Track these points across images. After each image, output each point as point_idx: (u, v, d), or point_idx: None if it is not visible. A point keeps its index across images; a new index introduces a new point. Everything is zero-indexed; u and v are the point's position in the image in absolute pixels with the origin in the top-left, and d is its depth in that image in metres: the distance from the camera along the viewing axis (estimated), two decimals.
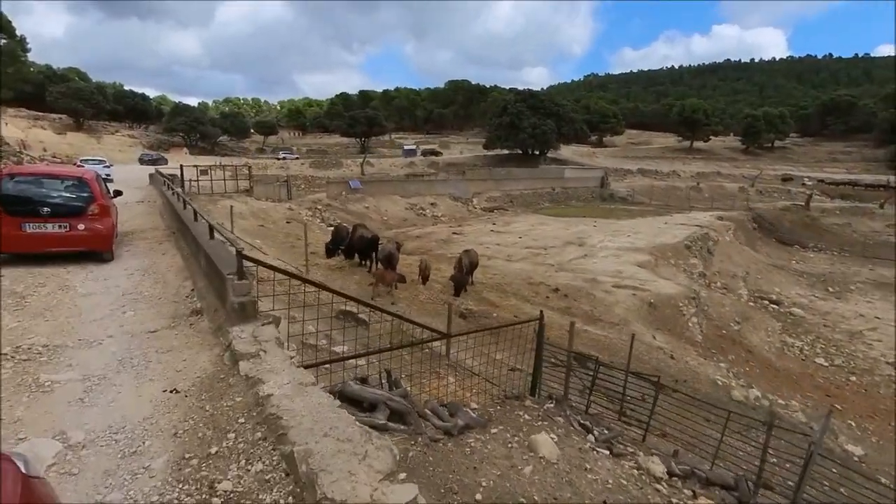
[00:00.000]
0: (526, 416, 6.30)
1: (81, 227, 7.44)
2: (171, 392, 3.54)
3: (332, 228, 17.35)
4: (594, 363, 7.41)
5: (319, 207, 24.85)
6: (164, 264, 7.32)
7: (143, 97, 79.96)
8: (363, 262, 15.16)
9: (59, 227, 7.33)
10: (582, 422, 6.72)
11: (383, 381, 5.47)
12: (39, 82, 61.16)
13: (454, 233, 26.30)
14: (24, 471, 1.38)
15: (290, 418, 2.80)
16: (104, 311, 5.20)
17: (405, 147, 71.80)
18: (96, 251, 7.66)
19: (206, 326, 4.73)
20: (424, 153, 68.81)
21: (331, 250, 15.45)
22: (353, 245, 15.17)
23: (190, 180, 19.66)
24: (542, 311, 7.42)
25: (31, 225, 7.13)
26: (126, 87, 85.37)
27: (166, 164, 31.01)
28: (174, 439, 2.94)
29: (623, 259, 20.09)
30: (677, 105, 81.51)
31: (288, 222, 21.10)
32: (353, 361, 6.21)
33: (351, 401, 4.54)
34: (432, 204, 33.42)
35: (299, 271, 12.72)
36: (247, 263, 4.24)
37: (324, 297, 4.74)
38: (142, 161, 44.40)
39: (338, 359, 5.17)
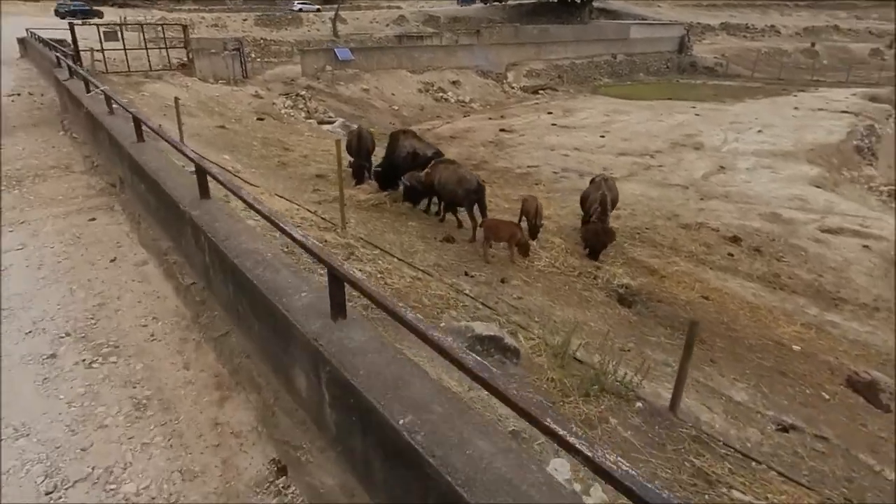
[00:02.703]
0: None
1: None
2: None
3: (350, 133, 13.28)
4: None
5: (301, 94, 20.07)
6: (139, 336, 3.54)
7: None
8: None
9: None
10: None
11: None
12: None
13: (501, 129, 22.31)
14: None
15: None
16: None
17: None
18: None
19: None
20: None
21: (361, 172, 11.79)
22: (398, 165, 11.41)
23: (92, 49, 14.79)
24: None
25: None
26: None
27: (101, 18, 25.82)
28: None
29: (785, 174, 16.72)
30: None
31: (260, 119, 16.72)
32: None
33: None
34: (454, 82, 28.77)
35: (325, 220, 8.96)
36: None
37: None
38: (60, 14, 36.57)
39: None
